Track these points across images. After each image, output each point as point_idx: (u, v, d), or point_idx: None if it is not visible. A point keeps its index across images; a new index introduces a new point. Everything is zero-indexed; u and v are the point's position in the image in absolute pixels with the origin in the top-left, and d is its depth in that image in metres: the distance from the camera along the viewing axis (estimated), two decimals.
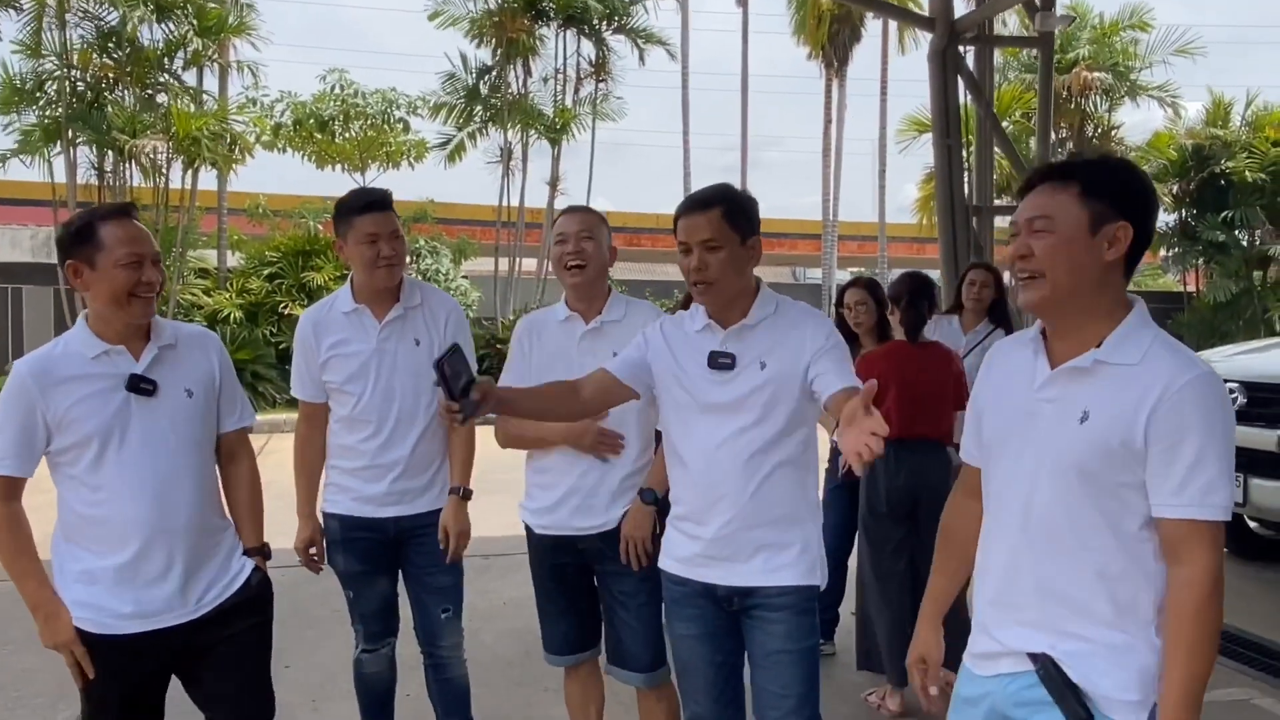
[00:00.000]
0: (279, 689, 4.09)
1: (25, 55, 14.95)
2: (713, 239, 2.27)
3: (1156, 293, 26.19)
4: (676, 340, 2.42)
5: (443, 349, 2.19)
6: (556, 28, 20.19)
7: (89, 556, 2.27)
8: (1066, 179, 1.72)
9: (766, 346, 2.32)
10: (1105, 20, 20.20)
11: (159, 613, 2.29)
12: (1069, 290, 1.70)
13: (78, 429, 2.22)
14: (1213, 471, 1.61)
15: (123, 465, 2.25)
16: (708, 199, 2.32)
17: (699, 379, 2.35)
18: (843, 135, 25.63)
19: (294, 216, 18.70)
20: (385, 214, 2.88)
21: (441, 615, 3.03)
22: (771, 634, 2.31)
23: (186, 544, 2.32)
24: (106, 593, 2.26)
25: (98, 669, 2.26)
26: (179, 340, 2.39)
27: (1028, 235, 1.72)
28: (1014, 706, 1.76)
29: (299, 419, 3.10)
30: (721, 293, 2.32)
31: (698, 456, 2.34)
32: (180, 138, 15.02)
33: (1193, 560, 1.63)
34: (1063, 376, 1.72)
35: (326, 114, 18.53)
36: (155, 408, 2.30)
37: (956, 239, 8.25)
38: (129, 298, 2.24)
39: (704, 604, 2.40)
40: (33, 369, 2.24)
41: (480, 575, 5.52)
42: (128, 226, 2.26)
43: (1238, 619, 4.99)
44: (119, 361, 2.28)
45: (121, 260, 2.22)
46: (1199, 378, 1.62)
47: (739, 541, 2.32)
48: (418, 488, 2.96)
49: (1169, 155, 20.13)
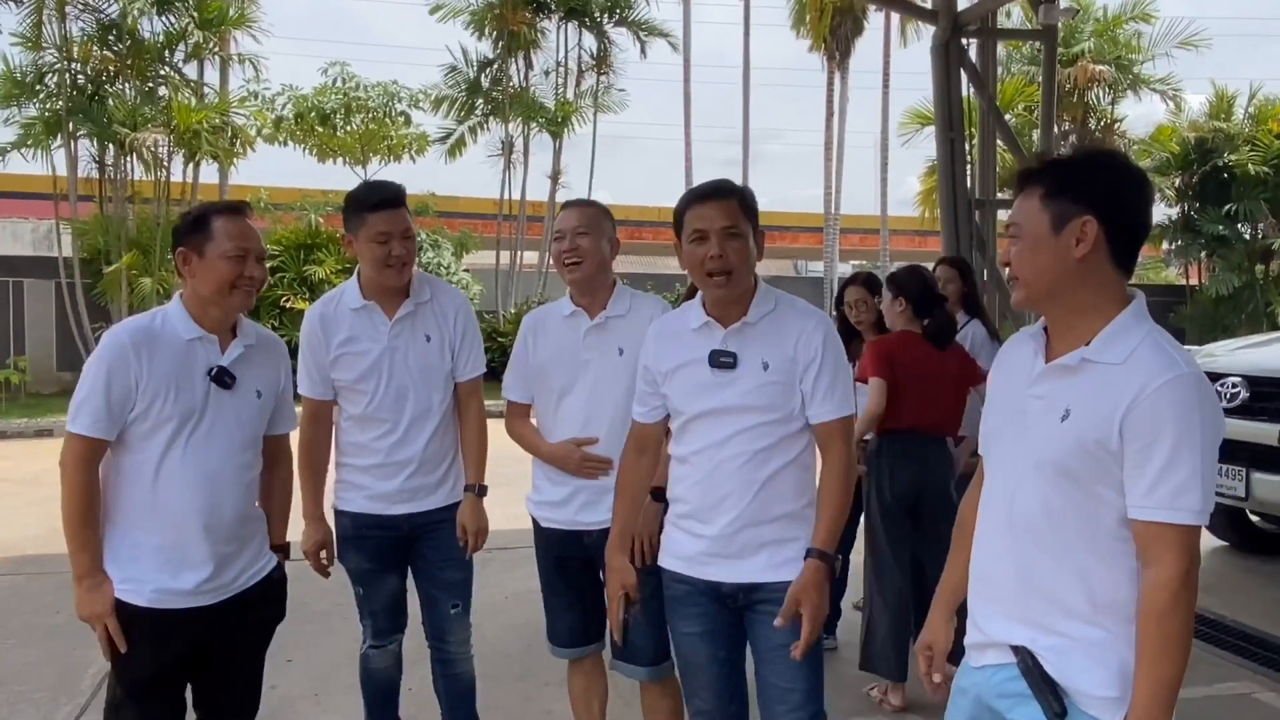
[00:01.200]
0: (282, 682, 4.12)
1: (25, 48, 14.97)
2: (734, 226, 2.25)
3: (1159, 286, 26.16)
4: (671, 342, 2.41)
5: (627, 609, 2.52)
6: (558, 20, 20.15)
7: (136, 533, 2.32)
8: (1033, 182, 1.75)
9: (768, 345, 2.31)
10: (1108, 13, 20.13)
11: (195, 592, 2.35)
12: (1044, 291, 1.74)
13: (162, 406, 2.28)
14: (1184, 474, 1.59)
15: (188, 453, 2.31)
16: (726, 188, 2.31)
17: (700, 379, 2.33)
18: (845, 128, 25.56)
19: (295, 210, 18.69)
20: (398, 212, 2.85)
21: (451, 611, 3.03)
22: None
23: (228, 535, 2.39)
24: (149, 569, 2.31)
25: (132, 643, 2.29)
26: (259, 341, 2.49)
27: (1008, 241, 1.79)
28: (996, 698, 1.78)
29: (304, 417, 3.02)
30: (739, 283, 2.29)
31: (700, 456, 2.34)
32: (181, 131, 15.02)
33: (1160, 562, 1.61)
34: (1052, 374, 1.74)
35: (328, 107, 18.48)
36: (229, 402, 2.38)
37: (959, 232, 8.23)
38: (231, 289, 2.34)
39: (706, 601, 2.39)
40: (134, 335, 2.30)
41: (483, 569, 5.49)
42: (239, 223, 2.38)
43: (1239, 613, 4.99)
44: (209, 350, 2.37)
45: (229, 252, 2.33)
46: (1178, 379, 1.60)
47: (743, 539, 2.32)
48: (430, 484, 2.95)
49: (1171, 148, 20.10)
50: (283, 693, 4.03)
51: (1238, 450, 5.13)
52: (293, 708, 3.93)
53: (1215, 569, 6.07)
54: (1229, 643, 4.62)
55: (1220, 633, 4.72)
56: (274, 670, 4.22)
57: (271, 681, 4.09)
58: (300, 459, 2.95)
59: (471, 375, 3.01)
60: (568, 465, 2.82)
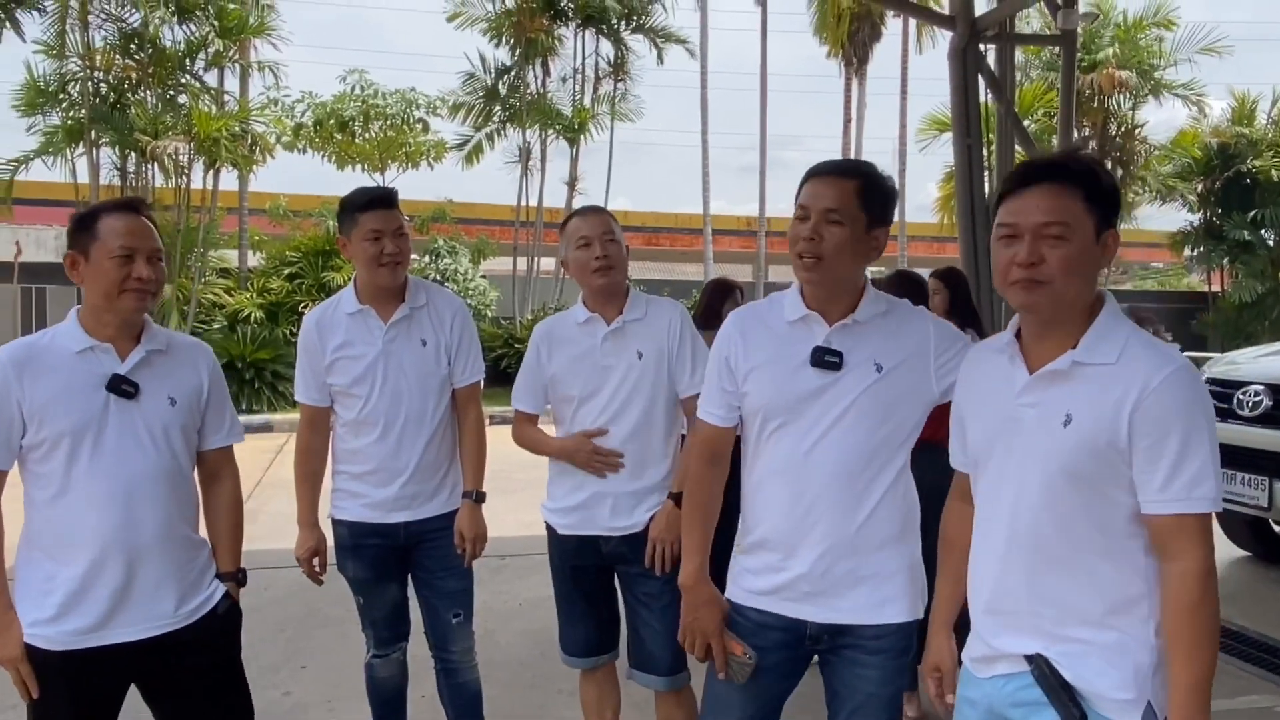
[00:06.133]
0: (296, 688, 4.12)
1: (49, 56, 15.12)
2: (837, 210, 1.98)
3: (1181, 293, 25.92)
4: (760, 335, 2.11)
5: None
6: (575, 27, 20.22)
7: (49, 563, 2.16)
8: (1072, 181, 1.69)
9: (880, 346, 2.04)
10: (1129, 19, 20.01)
11: (115, 626, 2.17)
12: (1073, 298, 1.71)
13: (52, 424, 2.12)
14: (1197, 464, 1.61)
15: (94, 469, 2.14)
16: (847, 168, 2.05)
17: (795, 380, 2.04)
18: (863, 134, 25.51)
19: (314, 216, 18.81)
20: (390, 211, 2.86)
21: (452, 620, 3.02)
22: (864, 678, 2.06)
23: (151, 558, 2.20)
24: (62, 603, 2.14)
25: (46, 686, 2.14)
26: (171, 347, 2.29)
27: (1039, 240, 1.67)
28: (1010, 707, 1.77)
29: (301, 424, 3.02)
30: (828, 272, 2.01)
31: (789, 472, 2.05)
32: (201, 138, 15.14)
33: (1184, 554, 1.62)
34: (1042, 381, 1.72)
35: (346, 114, 18.59)
36: (134, 412, 2.19)
37: (977, 238, 8.18)
38: (120, 292, 2.15)
39: (778, 637, 2.10)
40: (14, 356, 2.14)
41: (496, 576, 5.53)
42: (128, 220, 2.18)
43: (1263, 624, 4.92)
44: (104, 360, 2.18)
45: (114, 252, 2.14)
46: (1177, 371, 1.63)
47: (838, 573, 2.04)
48: (427, 491, 2.93)
49: (1194, 154, 19.98)
50: (296, 699, 4.04)
51: (1261, 460, 5.07)
52: (306, 714, 3.93)
53: (1238, 580, 6.00)
54: (1252, 655, 4.55)
55: (1243, 645, 4.66)
56: (288, 676, 4.26)
57: (285, 688, 4.13)
58: (296, 465, 2.98)
59: (469, 381, 2.98)
60: (577, 459, 2.78)
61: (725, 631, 2.13)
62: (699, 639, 2.14)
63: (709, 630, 2.12)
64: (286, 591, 5.19)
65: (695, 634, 2.14)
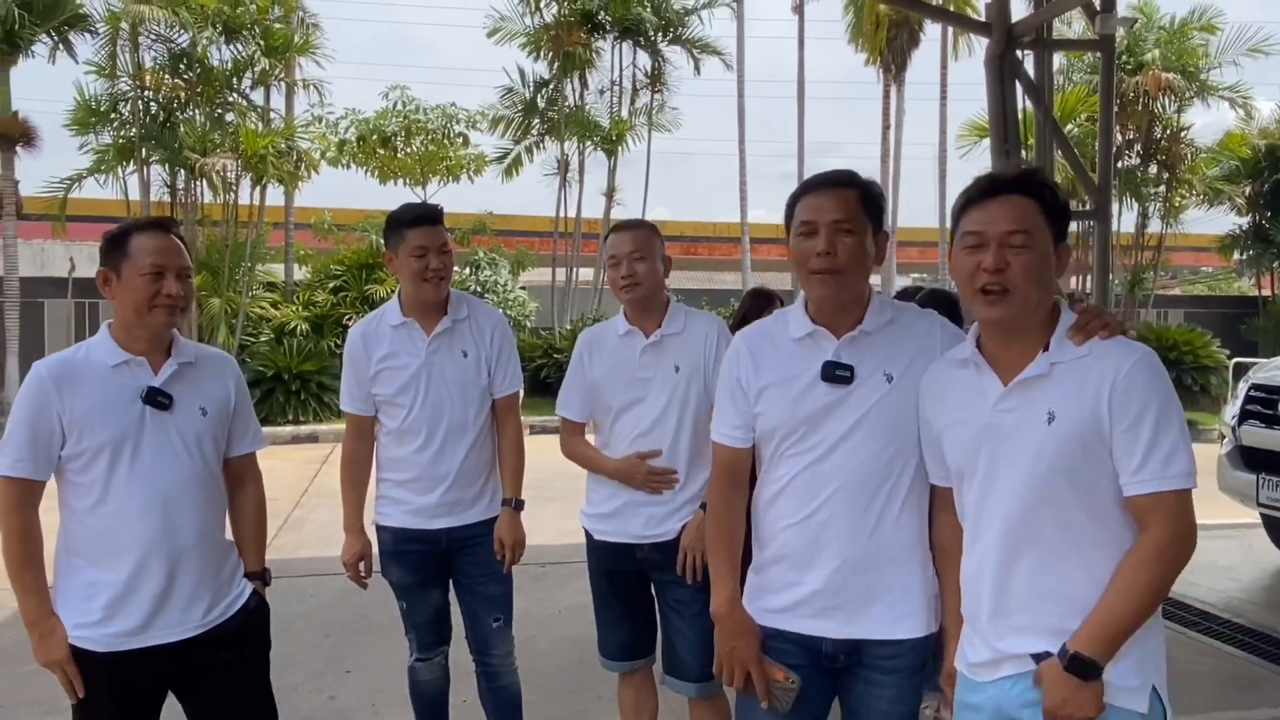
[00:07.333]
0: (341, 693, 4.21)
1: (100, 77, 15.51)
2: (847, 220, 1.98)
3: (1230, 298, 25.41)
4: (768, 353, 2.10)
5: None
6: (612, 40, 20.33)
7: (91, 569, 2.24)
8: (1033, 194, 1.80)
9: (888, 354, 2.02)
10: (1174, 21, 19.71)
11: (157, 629, 2.26)
12: (1035, 306, 1.79)
13: (92, 436, 2.20)
14: (1168, 443, 1.68)
15: (133, 478, 2.22)
16: (844, 178, 2.04)
17: (806, 397, 2.02)
18: (901, 140, 25.35)
19: (357, 230, 19.08)
20: (435, 228, 2.95)
21: (493, 624, 3.08)
22: (880, 696, 2.04)
23: (189, 562, 2.29)
24: (106, 608, 2.23)
25: (91, 687, 2.22)
26: (199, 360, 2.38)
27: (1004, 248, 1.77)
28: (1020, 707, 1.78)
29: (346, 433, 3.14)
30: (849, 285, 2.01)
31: (802, 487, 2.03)
32: (248, 155, 15.43)
33: (1158, 524, 1.69)
34: (1022, 386, 1.78)
35: (389, 130, 18.85)
36: (169, 423, 2.28)
37: None
38: (150, 308, 2.24)
39: (795, 654, 2.06)
40: (52, 370, 2.23)
41: (536, 583, 5.58)
42: (159, 238, 2.26)
43: None
44: (138, 373, 2.27)
45: (144, 270, 2.23)
46: (1143, 357, 1.72)
47: (853, 588, 2.01)
48: (468, 498, 3.01)
49: (1242, 154, 19.58)
50: (340, 703, 4.13)
51: None
52: (350, 718, 4.01)
53: (1277, 587, 5.91)
54: (1273, 654, 4.48)
55: None
56: (333, 681, 4.35)
57: (330, 692, 4.22)
58: (342, 472, 3.09)
59: (508, 391, 3.08)
60: (634, 480, 2.84)
61: (763, 658, 2.07)
62: (737, 668, 2.08)
63: (747, 659, 2.06)
64: (332, 598, 5.30)
65: (734, 664, 2.08)
